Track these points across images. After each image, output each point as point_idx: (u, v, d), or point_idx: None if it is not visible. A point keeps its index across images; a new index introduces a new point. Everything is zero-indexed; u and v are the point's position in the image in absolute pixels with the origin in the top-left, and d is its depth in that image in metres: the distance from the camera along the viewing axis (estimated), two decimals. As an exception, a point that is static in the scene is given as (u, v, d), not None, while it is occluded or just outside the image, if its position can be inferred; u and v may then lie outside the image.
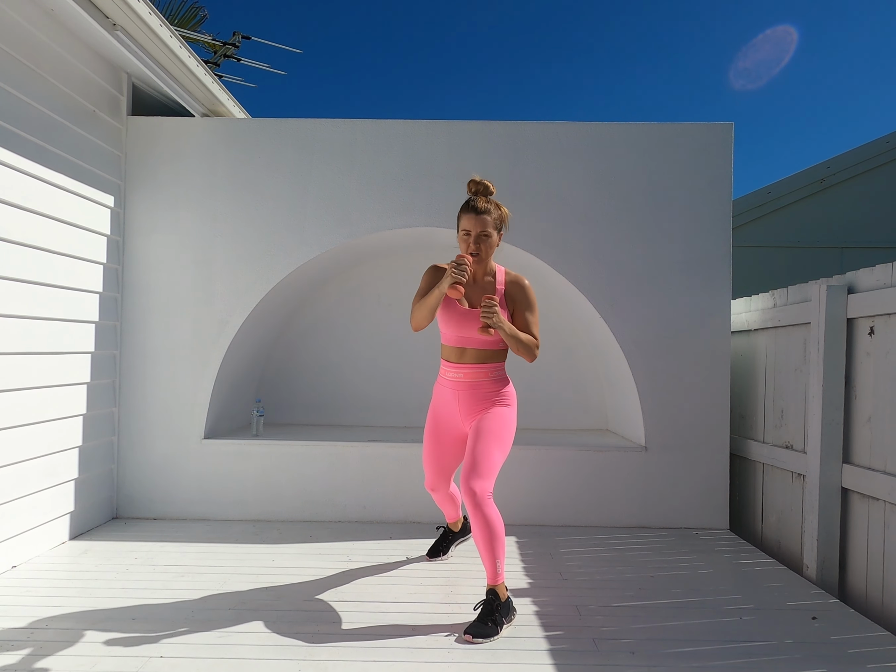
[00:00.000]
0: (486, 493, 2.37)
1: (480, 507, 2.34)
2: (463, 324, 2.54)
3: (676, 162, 3.74)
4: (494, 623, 2.31)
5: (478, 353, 2.57)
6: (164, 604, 2.52)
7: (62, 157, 3.15)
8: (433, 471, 2.82)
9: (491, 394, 2.58)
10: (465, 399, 2.60)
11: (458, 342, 2.58)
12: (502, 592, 2.40)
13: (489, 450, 2.45)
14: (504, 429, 2.54)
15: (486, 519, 2.34)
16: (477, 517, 2.34)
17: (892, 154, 5.76)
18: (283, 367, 4.59)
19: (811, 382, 3.02)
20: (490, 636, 2.28)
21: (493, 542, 2.35)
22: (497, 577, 2.38)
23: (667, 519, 3.70)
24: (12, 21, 2.82)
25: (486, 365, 2.58)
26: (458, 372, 2.60)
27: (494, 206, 2.52)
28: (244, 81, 8.62)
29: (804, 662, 2.15)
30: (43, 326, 3.05)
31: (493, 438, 2.48)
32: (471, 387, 2.58)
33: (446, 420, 2.70)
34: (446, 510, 3.06)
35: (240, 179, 3.77)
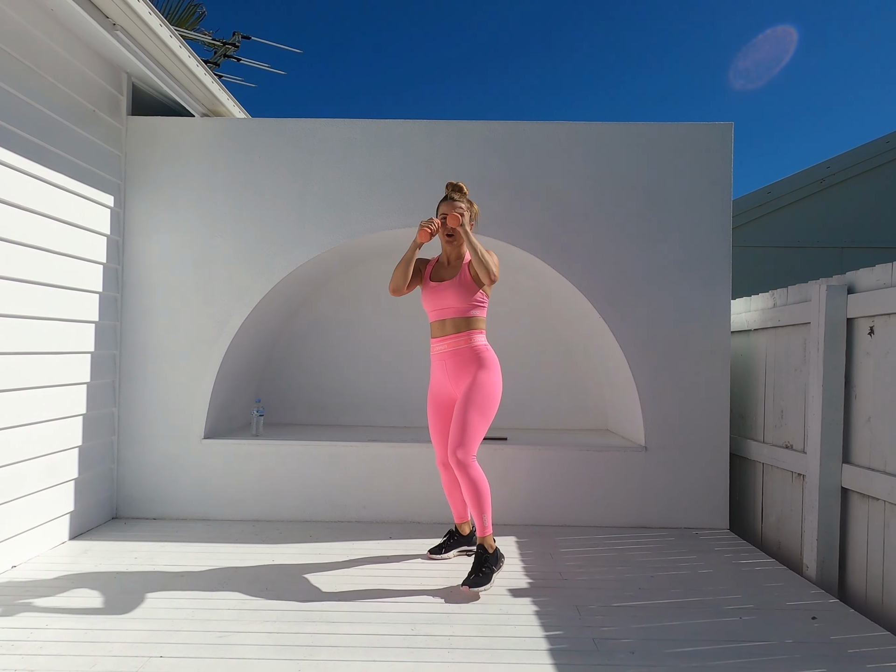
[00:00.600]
0: (469, 458, 2.75)
1: (466, 470, 2.75)
2: (436, 295, 2.93)
3: (676, 162, 3.74)
4: (487, 572, 2.72)
5: (454, 322, 2.90)
6: (164, 604, 2.52)
7: (62, 157, 3.15)
8: (440, 443, 3.04)
9: (472, 358, 2.88)
10: (451, 367, 2.92)
11: (437, 315, 2.94)
12: (489, 544, 2.81)
13: (470, 419, 2.78)
14: (485, 396, 2.83)
15: (471, 479, 2.75)
16: (463, 479, 2.76)
17: (892, 154, 5.77)
18: (283, 367, 4.59)
19: (811, 382, 3.02)
20: (483, 584, 2.67)
21: (479, 499, 2.76)
22: (484, 529, 2.80)
23: (667, 519, 3.70)
24: (12, 21, 2.82)
25: (462, 333, 2.89)
26: (442, 344, 2.93)
27: (466, 198, 2.99)
28: (244, 81, 8.63)
29: (804, 662, 2.15)
30: (43, 326, 3.05)
31: (473, 408, 2.80)
32: (453, 354, 2.90)
33: (442, 393, 3.00)
34: (455, 500, 3.11)
35: (240, 179, 3.77)
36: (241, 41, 8.56)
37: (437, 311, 2.94)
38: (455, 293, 2.88)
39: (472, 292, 2.88)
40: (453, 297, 2.88)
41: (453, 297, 2.88)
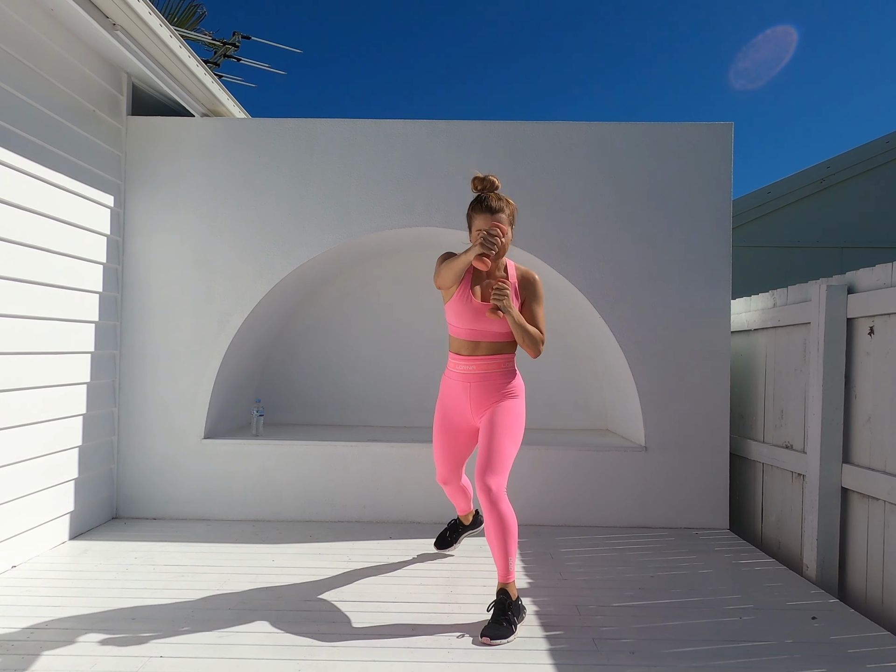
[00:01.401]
0: (501, 490, 2.39)
1: (496, 504, 2.36)
2: (476, 317, 2.55)
3: (676, 162, 3.74)
4: (509, 622, 2.31)
5: (491, 345, 2.57)
6: (164, 604, 2.52)
7: (62, 157, 3.15)
8: (445, 464, 2.82)
9: (501, 385, 2.58)
10: (476, 391, 2.59)
11: (470, 335, 2.58)
12: (513, 591, 2.40)
13: (502, 445, 2.46)
14: (515, 422, 2.54)
15: (501, 516, 2.36)
16: (492, 514, 2.36)
17: (892, 154, 5.76)
18: (283, 367, 4.59)
19: (811, 382, 3.02)
20: (506, 636, 2.27)
21: (506, 539, 2.36)
22: (508, 574, 2.40)
23: (667, 519, 3.70)
24: (12, 21, 2.82)
25: (497, 356, 2.58)
26: (469, 364, 2.59)
27: (505, 202, 2.53)
28: (244, 81, 8.63)
29: (804, 662, 2.15)
30: (43, 326, 3.05)
31: (505, 433, 2.48)
32: (482, 378, 2.58)
33: (456, 413, 2.69)
34: (458, 503, 3.07)
35: (240, 179, 3.77)
36: (241, 41, 8.56)
37: (474, 332, 2.57)
38: (500, 321, 2.52)
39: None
40: (498, 324, 2.53)
41: (498, 324, 2.53)
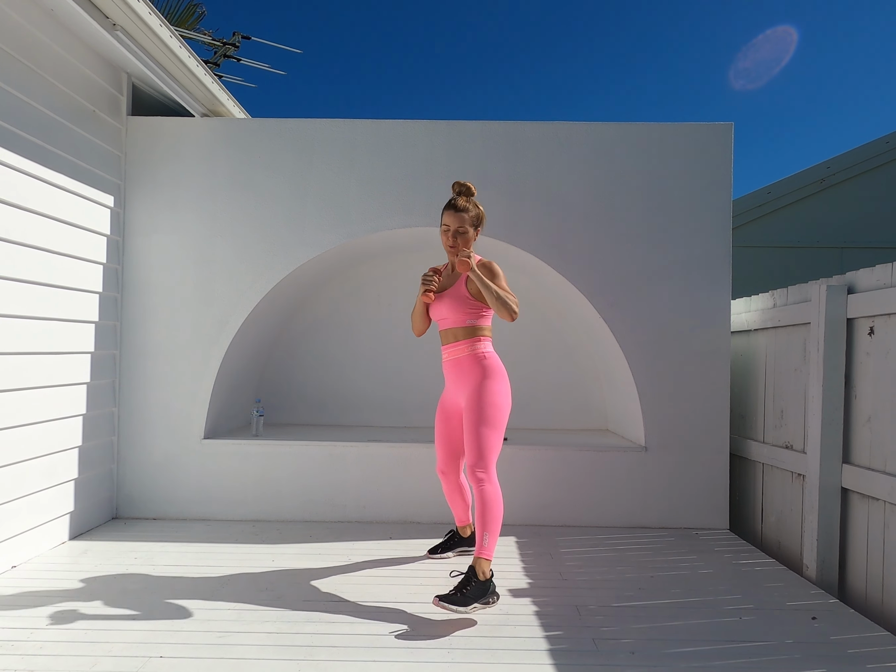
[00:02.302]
0: (487, 475, 2.60)
1: (482, 485, 2.58)
2: (436, 308, 2.84)
3: (676, 162, 3.74)
4: (464, 595, 2.41)
5: (458, 331, 2.79)
6: (164, 604, 2.52)
7: (62, 157, 3.15)
8: (442, 451, 2.98)
9: (472, 367, 2.75)
10: (452, 376, 2.83)
11: (442, 325, 2.85)
12: (483, 569, 2.49)
13: (482, 434, 2.63)
14: (491, 407, 2.68)
15: (483, 495, 2.57)
16: (477, 494, 2.59)
17: (892, 154, 5.76)
18: (284, 367, 4.59)
19: (811, 382, 3.02)
20: (458, 605, 2.37)
21: (484, 517, 2.54)
22: (481, 550, 2.52)
23: (667, 519, 3.70)
24: (12, 21, 2.82)
25: (462, 342, 2.78)
26: (447, 353, 2.85)
27: (473, 206, 2.78)
28: (244, 81, 8.63)
29: (804, 662, 2.15)
30: (43, 326, 3.05)
31: (483, 422, 2.65)
32: (455, 364, 2.81)
33: (449, 401, 2.92)
34: (456, 506, 3.08)
35: (240, 179, 3.77)
36: (241, 41, 8.56)
37: (440, 321, 2.86)
38: (449, 305, 2.77)
39: (467, 304, 2.74)
40: (447, 309, 2.77)
41: (447, 309, 2.77)
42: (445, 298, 2.80)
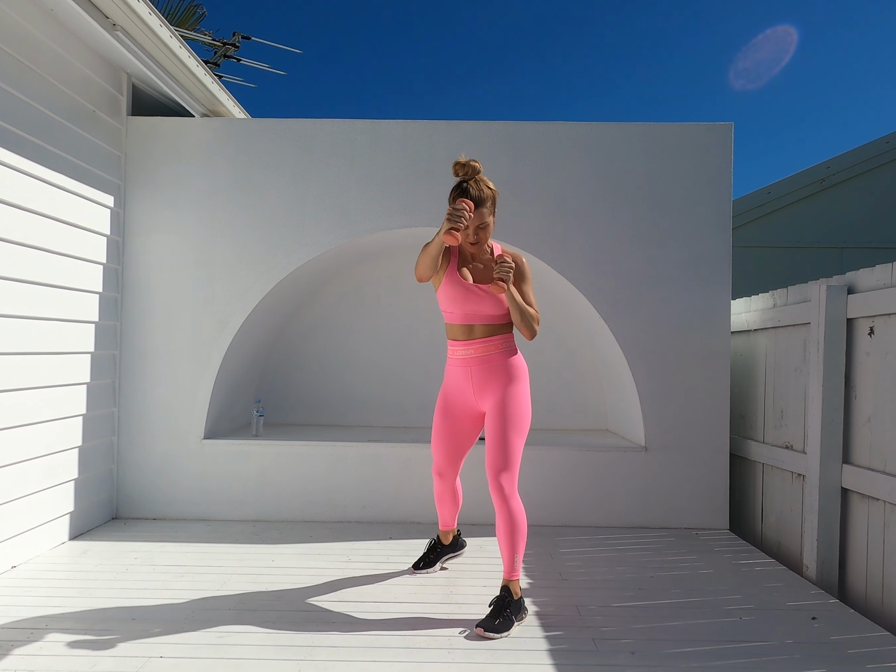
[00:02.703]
0: (513, 488, 2.44)
1: (507, 502, 2.42)
2: (469, 299, 2.53)
3: (676, 162, 3.74)
4: (505, 619, 2.33)
5: (486, 327, 2.55)
6: (164, 604, 2.52)
7: (62, 157, 3.15)
8: (442, 453, 2.76)
9: (502, 366, 2.55)
10: (477, 374, 2.57)
11: (465, 319, 2.56)
12: (516, 590, 2.43)
13: (512, 441, 2.47)
14: (521, 414, 2.52)
15: (511, 513, 2.42)
16: (502, 510, 2.42)
17: (892, 154, 5.76)
18: (284, 368, 4.59)
19: (811, 382, 3.02)
20: (501, 632, 2.30)
21: (514, 537, 2.42)
22: (513, 572, 2.43)
23: (667, 519, 3.70)
24: (12, 21, 2.82)
25: (495, 337, 2.56)
26: (467, 349, 2.57)
27: (487, 191, 2.50)
28: (244, 81, 8.64)
29: (804, 662, 2.15)
30: (43, 326, 3.05)
31: (512, 428, 2.48)
32: (482, 361, 2.55)
33: (458, 399, 2.66)
34: (444, 509, 2.93)
35: (240, 179, 3.77)
36: (241, 41, 8.56)
37: (467, 315, 2.55)
38: (493, 301, 2.51)
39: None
40: (490, 305, 2.51)
41: (490, 305, 2.51)
42: (487, 297, 2.51)
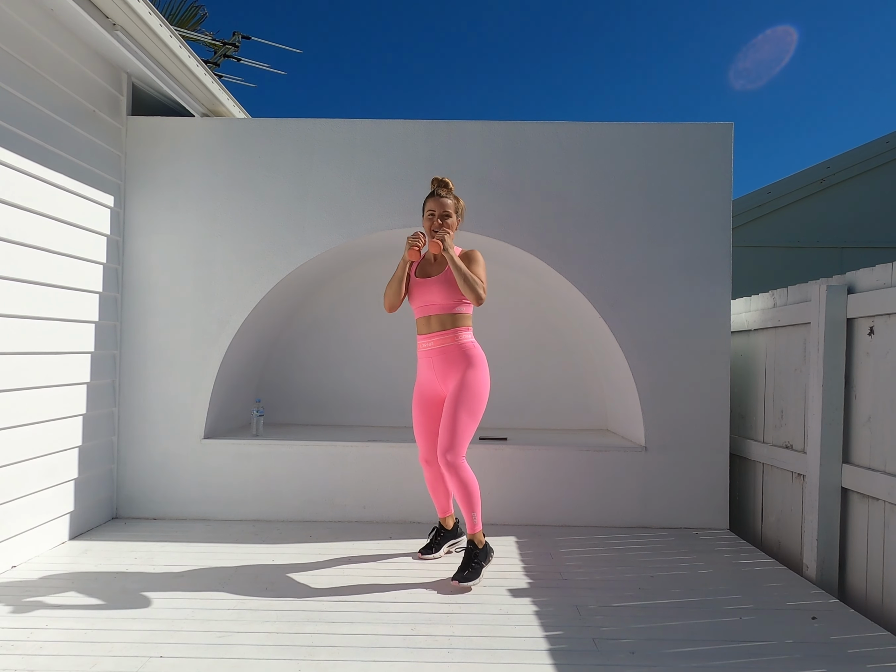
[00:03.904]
0: (459, 460, 2.78)
1: (456, 472, 2.78)
2: (422, 291, 2.90)
3: (676, 162, 3.74)
4: (475, 567, 2.78)
5: (440, 318, 2.88)
6: (164, 604, 2.53)
7: (62, 157, 3.15)
8: (424, 440, 3.04)
9: (459, 356, 2.87)
10: (438, 364, 2.90)
11: (422, 311, 2.92)
12: (479, 539, 2.87)
13: (459, 421, 2.79)
14: (473, 396, 2.84)
15: (462, 481, 2.79)
16: (453, 481, 2.79)
17: (892, 154, 5.76)
18: (283, 367, 4.59)
19: (811, 382, 3.02)
20: (473, 578, 2.73)
21: (469, 499, 2.81)
22: (474, 526, 2.84)
23: (667, 519, 3.70)
24: (12, 21, 2.82)
25: (448, 330, 2.88)
26: (428, 341, 2.92)
27: (453, 196, 2.99)
28: (244, 81, 8.63)
29: (804, 662, 2.15)
30: (43, 326, 3.05)
31: (462, 409, 2.81)
32: (440, 352, 2.89)
33: (428, 389, 2.98)
34: (438, 495, 3.13)
35: (240, 179, 3.77)
36: (241, 41, 8.55)
37: (422, 308, 2.92)
38: (441, 290, 2.86)
39: (457, 289, 2.85)
40: (439, 294, 2.86)
41: (439, 294, 2.86)
42: (435, 284, 2.87)
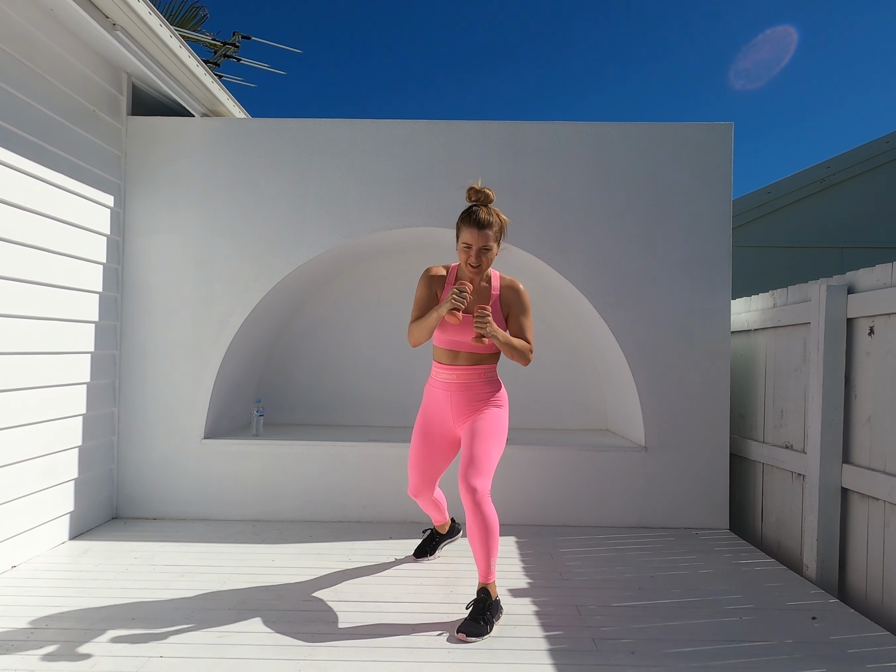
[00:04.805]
0: (485, 492, 2.40)
1: (479, 506, 2.36)
2: (456, 330, 2.53)
3: (676, 162, 3.74)
4: (486, 621, 2.33)
5: (470, 355, 2.58)
6: (164, 604, 2.53)
7: (62, 157, 3.15)
8: (418, 475, 2.78)
9: (484, 395, 2.59)
10: (457, 400, 2.60)
11: (451, 346, 2.58)
12: (493, 591, 2.43)
13: (487, 448, 2.47)
14: (499, 429, 2.55)
15: (484, 517, 2.37)
16: (475, 515, 2.37)
17: (892, 154, 5.77)
18: (283, 367, 4.59)
19: (811, 382, 3.02)
20: (482, 634, 2.29)
21: (488, 541, 2.39)
22: (489, 574, 2.42)
23: (667, 519, 3.70)
24: (12, 21, 2.82)
25: (478, 367, 2.59)
26: (451, 373, 2.60)
27: (496, 217, 2.48)
28: (244, 81, 8.63)
29: (804, 662, 2.15)
30: (43, 326, 3.05)
31: (489, 437, 2.49)
32: (463, 388, 2.59)
33: (437, 422, 2.69)
34: (432, 514, 3.06)
35: (240, 179, 3.77)
36: (241, 41, 8.55)
37: (453, 343, 2.56)
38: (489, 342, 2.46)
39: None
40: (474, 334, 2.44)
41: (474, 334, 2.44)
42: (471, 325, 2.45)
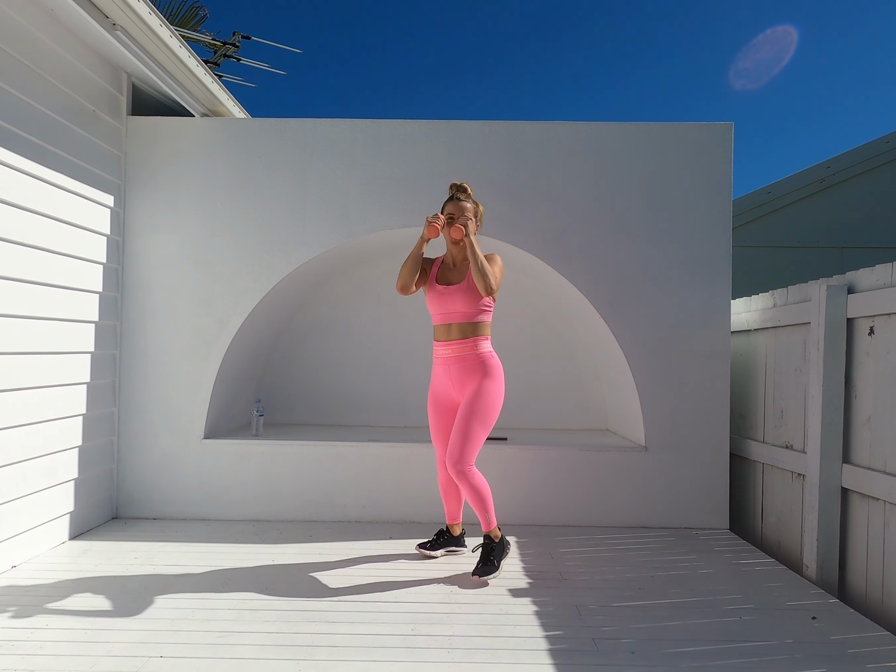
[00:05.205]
0: (470, 469, 2.81)
1: (468, 479, 2.81)
2: (444, 299, 2.90)
3: (676, 162, 3.74)
4: (494, 560, 2.84)
5: (461, 327, 2.89)
6: (164, 604, 2.52)
7: (62, 157, 3.15)
8: (442, 444, 3.05)
9: (477, 365, 2.89)
10: (455, 373, 2.92)
11: (443, 319, 2.92)
12: (495, 534, 2.91)
13: (472, 430, 2.82)
14: (488, 406, 2.86)
15: (473, 486, 2.82)
16: (465, 487, 2.82)
17: (892, 154, 5.76)
18: (283, 367, 4.59)
19: (811, 382, 3.02)
20: (492, 572, 2.80)
21: (483, 502, 2.85)
22: (490, 524, 2.88)
23: (667, 519, 3.70)
24: (12, 21, 2.82)
25: (468, 339, 2.89)
26: (447, 349, 2.92)
27: (472, 201, 2.99)
28: (244, 81, 8.62)
29: (804, 662, 2.15)
30: (43, 326, 3.05)
31: (476, 418, 2.83)
32: (458, 360, 2.90)
33: (443, 395, 3.00)
34: (450, 500, 3.11)
35: (240, 179, 3.77)
36: (241, 41, 8.54)
37: (443, 315, 2.91)
38: (463, 298, 2.86)
39: (479, 297, 2.86)
40: (461, 302, 2.86)
41: (461, 302, 2.86)
42: (457, 292, 2.87)
